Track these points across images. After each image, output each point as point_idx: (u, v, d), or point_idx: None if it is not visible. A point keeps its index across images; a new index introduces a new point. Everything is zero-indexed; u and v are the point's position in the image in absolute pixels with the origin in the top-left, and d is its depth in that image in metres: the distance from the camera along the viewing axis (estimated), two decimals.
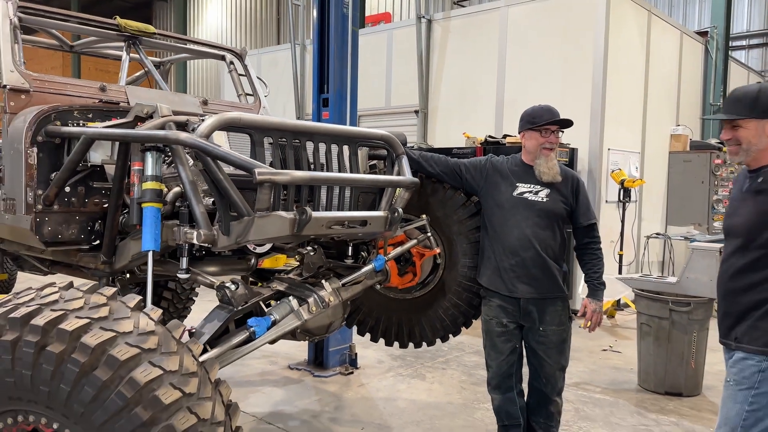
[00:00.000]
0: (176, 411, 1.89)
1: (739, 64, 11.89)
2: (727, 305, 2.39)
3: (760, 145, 2.27)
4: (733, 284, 2.35)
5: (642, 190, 8.46)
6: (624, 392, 4.86)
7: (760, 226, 2.24)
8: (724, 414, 2.28)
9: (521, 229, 3.13)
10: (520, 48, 8.18)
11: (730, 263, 2.37)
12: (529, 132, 3.20)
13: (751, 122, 2.27)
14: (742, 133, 2.29)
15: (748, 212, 2.30)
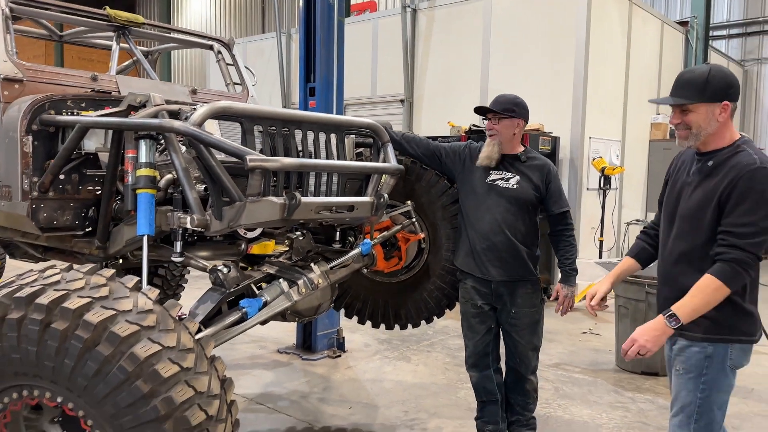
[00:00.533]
0: (174, 384, 2.00)
1: (719, 53, 12.11)
2: (668, 290, 2.36)
3: (710, 129, 2.22)
4: (677, 268, 2.32)
5: (622, 177, 8.65)
6: (602, 372, 5.04)
7: (705, 210, 2.22)
8: (679, 402, 2.30)
9: (492, 215, 3.23)
10: (504, 38, 8.30)
11: (674, 247, 2.34)
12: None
13: (701, 106, 2.21)
14: (692, 118, 2.23)
15: (696, 196, 2.26)
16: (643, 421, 4.02)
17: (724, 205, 2.17)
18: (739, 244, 2.12)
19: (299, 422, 3.87)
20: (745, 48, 13.36)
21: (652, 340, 2.18)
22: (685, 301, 2.17)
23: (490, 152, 3.23)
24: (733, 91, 2.23)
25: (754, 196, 2.12)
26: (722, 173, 2.20)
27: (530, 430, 3.49)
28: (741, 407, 4.29)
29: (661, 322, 2.18)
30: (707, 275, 2.16)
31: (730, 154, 2.22)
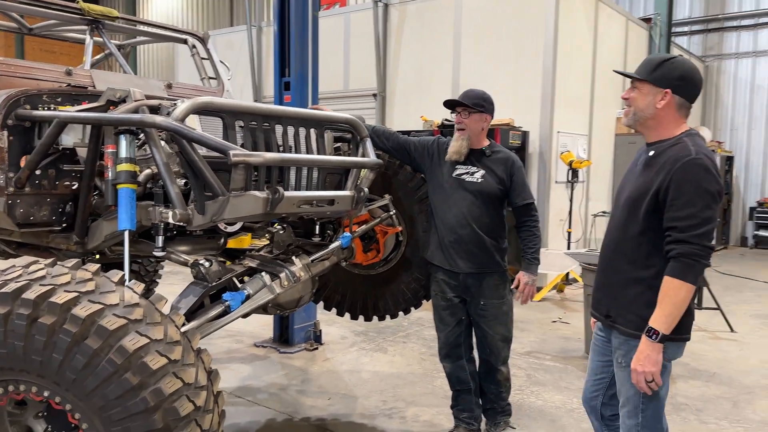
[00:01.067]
0: (163, 376, 2.03)
1: (681, 49, 12.43)
2: (602, 277, 2.40)
3: (647, 112, 2.24)
4: (612, 256, 2.35)
5: (589, 171, 8.85)
6: (572, 359, 5.20)
7: (641, 199, 2.22)
8: (625, 394, 2.33)
9: (459, 208, 3.30)
10: (475, 33, 8.41)
11: (612, 235, 2.38)
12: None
13: (645, 86, 2.23)
14: (635, 95, 2.26)
15: (636, 185, 2.28)
16: None
17: (663, 199, 2.17)
18: (684, 237, 2.12)
19: (279, 414, 3.91)
20: (706, 44, 13.74)
21: (648, 363, 2.17)
22: (656, 313, 2.16)
23: (459, 147, 3.30)
24: (682, 84, 2.23)
25: (690, 188, 2.12)
26: (659, 164, 2.21)
27: (505, 416, 3.60)
28: (704, 390, 4.48)
29: (646, 343, 2.17)
30: (665, 277, 2.15)
31: (670, 145, 2.22)
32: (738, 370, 4.94)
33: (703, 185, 2.13)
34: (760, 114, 13.10)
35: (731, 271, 9.50)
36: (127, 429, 2.01)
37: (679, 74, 2.23)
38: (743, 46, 13.28)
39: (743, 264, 10.64)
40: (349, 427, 3.76)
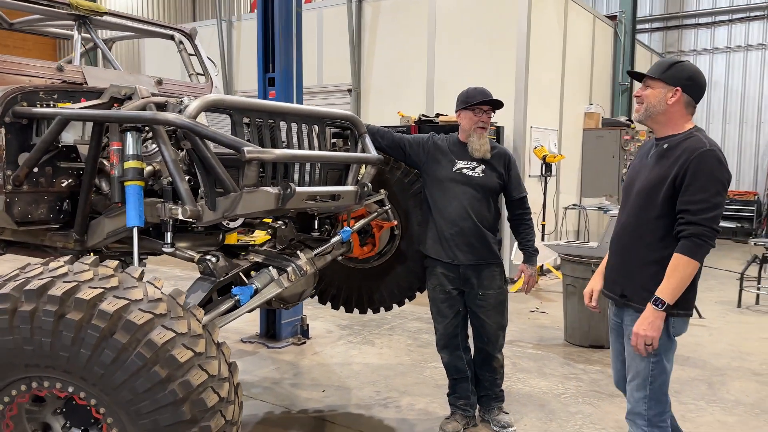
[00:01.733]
0: (190, 368, 2.07)
1: (643, 46, 12.83)
2: (617, 260, 2.58)
3: (659, 108, 2.45)
4: (628, 240, 2.54)
5: (560, 164, 9.09)
6: (553, 347, 5.38)
7: (659, 187, 2.42)
8: (634, 369, 2.51)
9: (459, 202, 3.43)
10: (449, 30, 8.53)
11: (628, 221, 2.55)
12: (464, 112, 3.50)
13: (658, 84, 2.45)
14: (648, 92, 2.48)
15: (651, 175, 2.47)
16: (596, 389, 4.35)
17: (679, 185, 2.38)
18: (695, 219, 2.33)
19: (276, 407, 3.96)
20: (666, 41, 14.22)
21: (650, 327, 2.36)
22: (664, 285, 2.36)
23: (484, 143, 3.44)
24: (690, 83, 2.45)
25: (704, 176, 2.34)
26: (675, 155, 2.42)
27: (499, 402, 3.73)
28: (680, 373, 4.70)
29: (651, 310, 2.37)
30: (675, 254, 2.36)
31: (683, 138, 2.44)
32: (709, 353, 5.20)
33: (716, 174, 2.35)
34: (717, 109, 13.63)
35: None
36: (156, 422, 2.04)
37: (687, 75, 2.46)
38: (701, 43, 13.79)
39: None
40: (347, 417, 3.84)
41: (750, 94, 13.17)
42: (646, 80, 2.50)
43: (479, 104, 3.44)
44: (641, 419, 2.52)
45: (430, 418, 3.83)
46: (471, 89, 3.52)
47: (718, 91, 13.58)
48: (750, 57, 13.20)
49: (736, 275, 7.93)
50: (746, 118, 13.25)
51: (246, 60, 10.87)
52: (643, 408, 2.50)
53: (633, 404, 2.55)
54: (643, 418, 2.51)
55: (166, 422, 2.04)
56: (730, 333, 5.89)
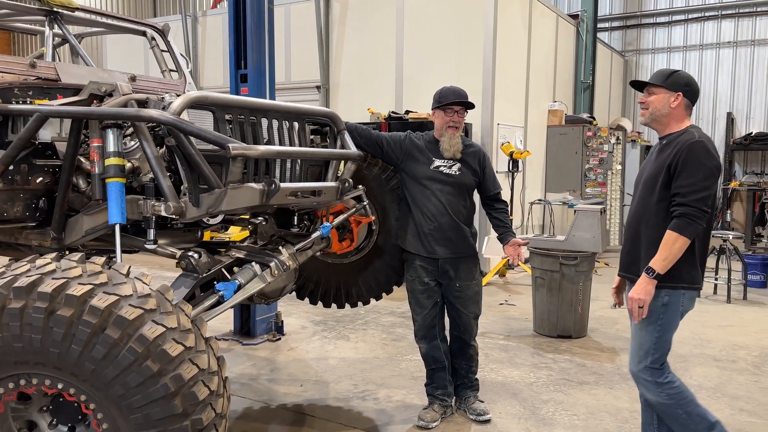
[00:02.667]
0: (181, 362, 2.10)
1: (604, 44, 13.15)
2: (631, 244, 2.91)
3: (663, 111, 2.80)
4: (638, 227, 2.87)
5: (525, 160, 9.28)
6: (523, 338, 5.52)
7: (658, 176, 2.76)
8: (638, 341, 2.84)
9: (437, 198, 3.55)
10: (417, 27, 8.62)
11: (636, 209, 2.90)
12: (437, 111, 3.59)
13: (661, 90, 2.79)
14: (652, 98, 2.82)
15: (653, 167, 2.84)
16: (566, 378, 4.50)
17: (673, 172, 2.71)
18: (685, 201, 2.66)
19: (255, 402, 3.98)
20: (625, 40, 14.58)
21: (642, 291, 2.70)
22: (656, 257, 2.69)
23: (457, 143, 3.55)
24: (689, 89, 2.81)
25: (693, 163, 2.67)
26: (671, 148, 2.76)
27: (474, 390, 3.84)
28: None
29: (645, 278, 2.70)
30: (667, 231, 2.68)
31: (678, 135, 2.80)
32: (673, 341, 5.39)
33: (703, 161, 2.68)
34: None
35: None
36: (147, 416, 2.07)
37: (685, 82, 2.82)
38: (659, 41, 14.19)
39: None
40: (326, 410, 3.89)
41: (705, 92, 13.61)
42: (649, 88, 2.83)
43: (450, 104, 3.52)
44: (651, 384, 2.83)
45: (408, 408, 3.91)
46: (445, 89, 3.60)
47: None
48: (705, 55, 13.65)
49: None
50: (702, 114, 13.70)
51: (211, 56, 10.76)
52: (648, 375, 2.83)
53: (636, 372, 2.87)
54: (652, 383, 2.83)
55: (158, 416, 2.07)
56: (691, 322, 6.12)
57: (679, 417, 2.83)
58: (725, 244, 7.28)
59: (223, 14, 10.24)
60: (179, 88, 4.27)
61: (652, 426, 3.02)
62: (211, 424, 2.21)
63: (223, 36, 10.15)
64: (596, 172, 10.06)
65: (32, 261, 2.20)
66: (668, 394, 2.82)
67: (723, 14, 13.41)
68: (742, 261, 7.39)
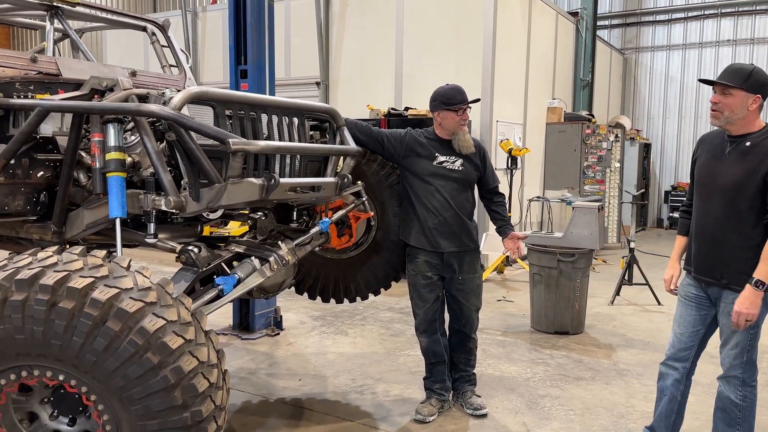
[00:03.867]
0: (181, 355, 2.13)
1: (603, 42, 13.16)
2: (711, 249, 2.84)
3: (740, 114, 2.69)
4: (721, 232, 2.79)
5: (524, 158, 9.31)
6: (520, 334, 5.55)
7: (749, 182, 2.68)
8: (734, 340, 2.82)
9: (441, 193, 3.59)
10: (417, 24, 8.62)
11: (717, 213, 2.80)
12: (444, 112, 3.60)
13: (740, 92, 2.67)
14: (729, 100, 2.69)
15: (736, 171, 2.72)
16: (563, 373, 4.53)
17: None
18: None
19: (254, 396, 4.01)
20: (625, 37, 14.60)
21: (750, 306, 2.66)
22: (761, 267, 2.65)
23: (469, 139, 3.61)
24: (766, 89, 2.71)
25: None
26: (762, 152, 2.67)
27: (472, 385, 3.88)
28: (641, 357, 4.93)
29: (752, 291, 2.66)
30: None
31: (763, 137, 2.71)
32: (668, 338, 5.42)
33: None
34: (673, 104, 14.09)
35: (651, 250, 10.23)
36: (148, 407, 2.09)
37: (763, 82, 2.71)
38: (658, 39, 14.20)
39: (660, 244, 11.48)
40: (324, 404, 3.91)
41: (704, 90, 13.62)
42: (726, 88, 2.70)
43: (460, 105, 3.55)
44: (736, 380, 2.84)
45: (406, 402, 3.94)
46: (448, 89, 3.61)
47: (674, 87, 14.03)
48: (704, 53, 13.67)
49: None
50: (701, 113, 13.73)
51: (211, 51, 10.77)
52: (739, 372, 2.83)
53: (728, 368, 2.87)
54: (738, 379, 2.84)
55: (158, 407, 2.10)
56: None
57: (735, 419, 2.86)
58: None
59: (223, 10, 10.26)
60: (179, 84, 4.29)
61: (669, 419, 3.13)
62: (211, 416, 2.23)
63: (222, 32, 10.15)
64: (595, 170, 10.09)
65: (34, 254, 2.22)
66: (745, 396, 2.84)
67: (722, 12, 13.42)
68: None
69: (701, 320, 2.99)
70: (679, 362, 3.07)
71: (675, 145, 14.10)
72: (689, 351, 3.04)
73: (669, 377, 3.11)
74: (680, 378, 3.07)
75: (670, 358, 3.12)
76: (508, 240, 3.73)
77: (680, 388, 3.08)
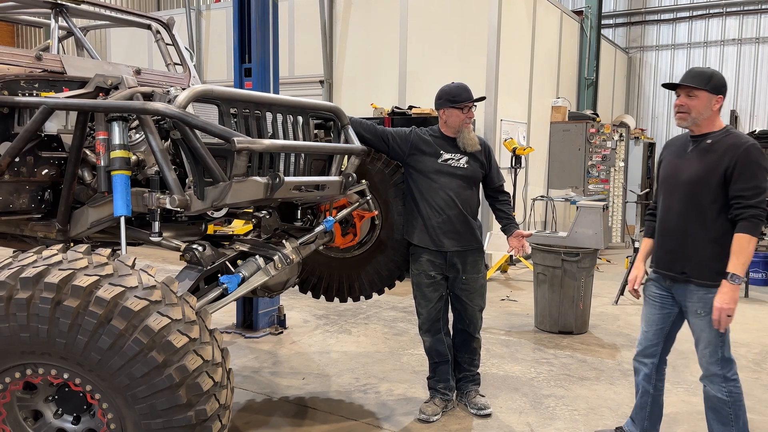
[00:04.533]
0: (185, 353, 2.13)
1: (607, 41, 13.13)
2: (674, 243, 2.91)
3: (705, 114, 2.81)
4: (684, 225, 2.87)
5: (528, 157, 9.28)
6: (524, 333, 5.54)
7: (710, 177, 2.77)
8: (705, 338, 2.85)
9: (445, 191, 3.57)
10: (421, 22, 8.61)
11: (680, 208, 2.88)
12: (449, 109, 3.60)
13: (704, 94, 2.78)
14: (695, 102, 2.80)
15: (698, 166, 2.82)
16: (567, 373, 4.52)
17: (730, 175, 2.73)
18: (751, 203, 2.70)
19: (257, 395, 4.01)
20: (629, 36, 14.55)
21: (730, 301, 2.71)
22: (734, 262, 2.71)
23: (474, 137, 3.61)
24: (725, 90, 2.85)
25: (753, 166, 2.73)
26: (721, 149, 2.77)
27: (476, 385, 3.87)
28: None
29: (729, 286, 2.71)
30: (738, 234, 2.71)
31: (723, 135, 2.82)
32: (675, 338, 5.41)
33: (762, 163, 2.75)
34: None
35: None
36: (152, 406, 2.09)
37: (723, 83, 2.85)
38: (663, 38, 14.16)
39: None
40: (327, 403, 3.91)
41: None
42: (690, 90, 2.81)
43: (465, 103, 3.55)
44: (717, 378, 2.88)
45: (409, 402, 3.93)
46: (454, 87, 3.60)
47: None
48: (709, 53, 13.62)
49: None
50: None
51: (215, 49, 10.77)
52: (718, 369, 2.87)
53: (706, 367, 2.90)
54: (719, 376, 2.88)
55: (162, 406, 2.09)
56: None
57: (727, 417, 2.89)
58: None
59: (227, 8, 10.25)
60: (184, 82, 4.29)
61: (644, 410, 3.21)
62: (215, 414, 2.23)
63: (227, 30, 10.14)
64: (599, 169, 10.07)
65: (39, 252, 2.22)
66: (730, 391, 2.87)
67: (728, 11, 13.38)
68: None
69: (664, 318, 3.07)
70: (648, 358, 3.16)
71: None
72: (656, 347, 3.12)
73: (640, 372, 3.20)
74: (650, 372, 3.16)
75: (639, 354, 3.21)
76: (512, 238, 3.72)
77: (651, 382, 3.17)
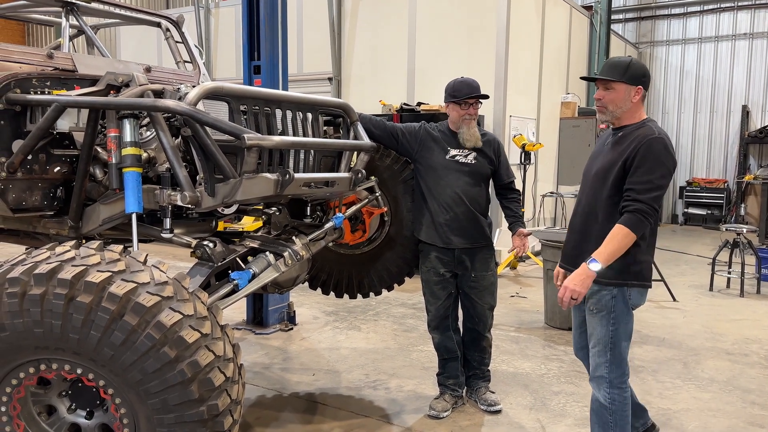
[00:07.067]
0: (197, 349, 2.14)
1: (617, 36, 13.05)
2: (577, 237, 2.79)
3: (624, 107, 2.65)
4: (587, 220, 2.74)
5: (537, 153, 9.25)
6: (534, 330, 5.53)
7: (611, 170, 2.62)
8: (596, 336, 2.74)
9: (453, 188, 3.56)
10: (430, 18, 8.59)
11: (585, 200, 2.78)
12: (451, 104, 3.60)
13: (621, 86, 2.62)
14: (612, 95, 2.65)
15: (605, 160, 2.69)
16: (577, 370, 4.50)
17: (629, 168, 2.58)
18: (640, 198, 2.54)
19: (268, 391, 4.03)
20: (639, 31, 14.45)
21: (580, 283, 2.56)
22: (601, 248, 2.56)
23: (475, 133, 3.56)
24: (646, 79, 2.68)
25: (651, 160, 2.55)
26: (628, 141, 2.62)
27: (486, 381, 3.86)
28: (656, 354, 4.89)
29: (585, 268, 2.56)
30: (617, 225, 2.55)
31: (637, 127, 2.65)
32: (684, 335, 5.40)
33: (662, 159, 2.56)
34: (688, 98, 13.94)
35: (667, 246, 10.17)
36: (165, 401, 2.10)
37: (642, 72, 2.68)
38: (673, 33, 14.05)
39: (675, 239, 11.39)
40: (338, 399, 3.92)
41: (720, 84, 13.49)
42: (607, 83, 2.66)
43: (465, 98, 3.53)
44: (604, 381, 2.74)
45: (419, 398, 3.93)
46: (458, 82, 3.60)
47: (689, 81, 13.88)
48: (720, 47, 13.51)
49: (707, 260, 8.21)
50: (716, 107, 13.58)
51: (224, 47, 10.80)
52: (605, 371, 2.73)
53: (595, 368, 2.77)
54: (606, 380, 2.73)
55: (174, 401, 2.11)
56: (703, 315, 6.12)
57: (607, 423, 2.76)
58: (739, 237, 7.22)
59: (236, 5, 10.24)
60: (194, 79, 4.30)
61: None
62: (227, 410, 2.24)
63: (236, 27, 10.17)
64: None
65: (52, 248, 2.24)
66: (613, 398, 2.72)
67: (739, 5, 13.25)
68: (756, 255, 7.33)
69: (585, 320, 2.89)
70: (585, 359, 2.99)
71: (690, 140, 13.95)
72: (586, 350, 2.90)
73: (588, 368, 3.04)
74: None
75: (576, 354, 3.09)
76: (515, 237, 3.69)
77: None
